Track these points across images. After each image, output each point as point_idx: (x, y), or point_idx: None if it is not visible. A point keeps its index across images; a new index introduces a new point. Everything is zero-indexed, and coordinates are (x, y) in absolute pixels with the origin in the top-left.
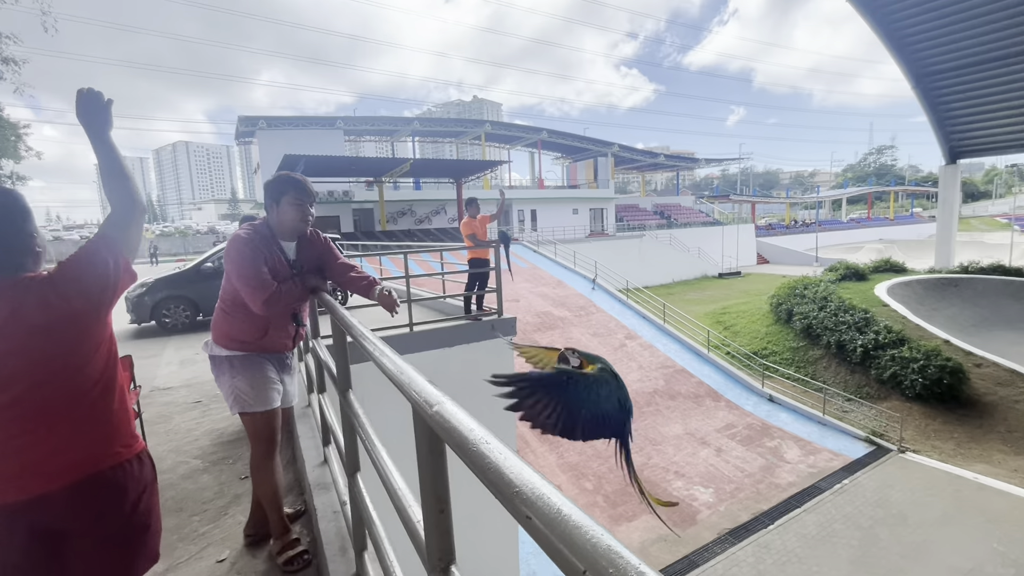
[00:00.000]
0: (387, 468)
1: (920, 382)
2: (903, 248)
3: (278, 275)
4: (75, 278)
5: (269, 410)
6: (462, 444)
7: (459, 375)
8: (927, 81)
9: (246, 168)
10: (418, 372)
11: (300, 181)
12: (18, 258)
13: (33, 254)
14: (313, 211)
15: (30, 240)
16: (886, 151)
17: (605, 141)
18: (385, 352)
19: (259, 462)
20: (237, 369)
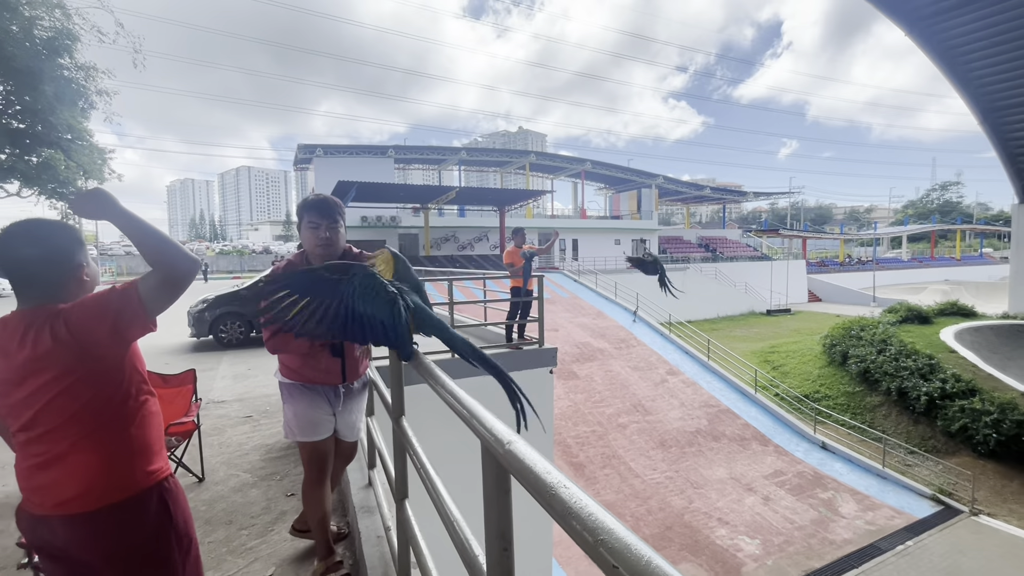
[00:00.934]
0: (444, 500)
1: (994, 437)
2: (972, 290)
3: None
4: (83, 318)
5: (314, 441)
6: (538, 487)
7: (499, 405)
8: (996, 117)
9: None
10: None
11: (317, 201)
12: (54, 289)
13: (71, 286)
14: (331, 234)
15: (72, 272)
16: (951, 187)
17: (649, 172)
18: (450, 385)
19: (307, 487)
20: (287, 398)
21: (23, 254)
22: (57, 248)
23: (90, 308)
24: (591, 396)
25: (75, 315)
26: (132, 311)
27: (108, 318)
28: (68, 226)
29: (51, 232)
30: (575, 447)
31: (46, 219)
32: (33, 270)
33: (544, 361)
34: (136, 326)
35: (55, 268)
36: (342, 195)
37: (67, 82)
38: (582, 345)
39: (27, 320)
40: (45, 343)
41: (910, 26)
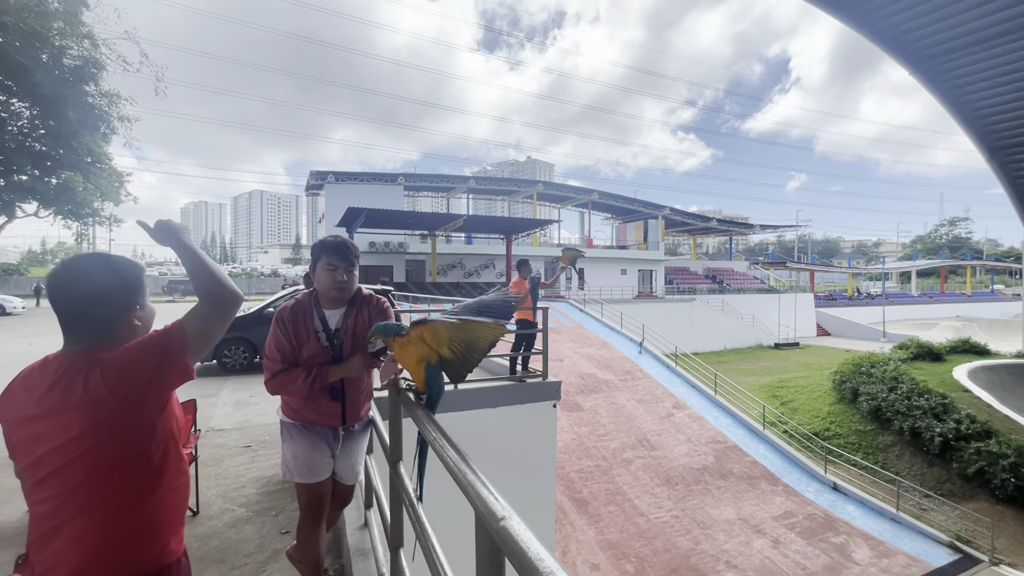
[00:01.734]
0: (438, 556)
1: (1013, 483)
2: (984, 327)
3: (303, 352)
4: (124, 366)
5: (311, 483)
6: (529, 571)
7: (501, 437)
8: (1002, 154)
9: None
10: (482, 476)
11: (336, 244)
12: (101, 333)
13: (119, 330)
14: (348, 277)
15: (122, 314)
16: (959, 223)
17: (656, 204)
18: (447, 446)
19: (303, 528)
20: (286, 437)
21: (72, 291)
22: (108, 287)
23: (133, 353)
24: (596, 429)
25: (115, 364)
26: (177, 350)
27: (152, 361)
28: (128, 263)
29: (106, 269)
30: (579, 482)
31: (107, 254)
32: (80, 310)
33: (548, 395)
34: (177, 369)
35: (103, 309)
36: (352, 221)
37: (91, 108)
38: (587, 376)
39: (65, 365)
40: (75, 394)
41: (914, 66)
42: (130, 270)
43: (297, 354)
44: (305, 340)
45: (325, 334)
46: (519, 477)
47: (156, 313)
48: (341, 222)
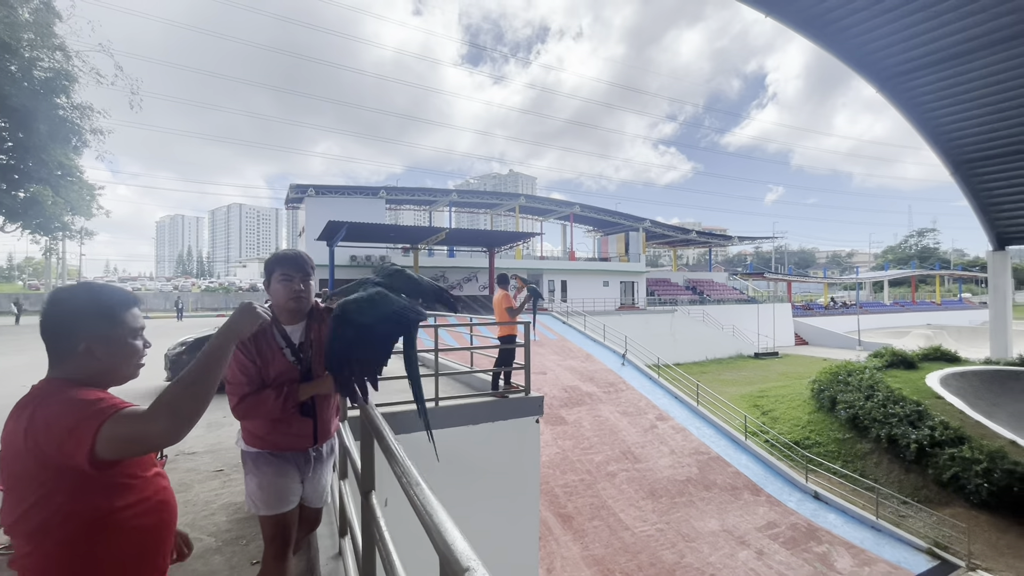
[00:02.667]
0: None
1: (986, 488)
2: (954, 335)
3: (270, 371)
4: (42, 419)
5: (276, 514)
6: None
7: (484, 454)
8: (966, 168)
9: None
10: (449, 517)
11: (290, 255)
12: (56, 361)
13: (74, 360)
14: (304, 287)
15: (71, 343)
16: (928, 234)
17: (637, 216)
18: (415, 482)
19: (268, 562)
20: (251, 469)
21: (43, 313)
22: (70, 312)
23: (51, 412)
24: (580, 443)
25: (41, 412)
26: (79, 438)
27: (55, 435)
28: (111, 293)
29: (82, 295)
30: (563, 497)
31: (96, 284)
32: (44, 331)
33: (530, 410)
34: (77, 458)
35: (59, 332)
36: (332, 234)
37: (62, 121)
38: (570, 389)
39: (31, 394)
40: (11, 429)
41: (881, 84)
42: (105, 299)
43: (264, 374)
44: (270, 358)
45: (290, 349)
46: (502, 494)
47: (139, 353)
48: (321, 236)
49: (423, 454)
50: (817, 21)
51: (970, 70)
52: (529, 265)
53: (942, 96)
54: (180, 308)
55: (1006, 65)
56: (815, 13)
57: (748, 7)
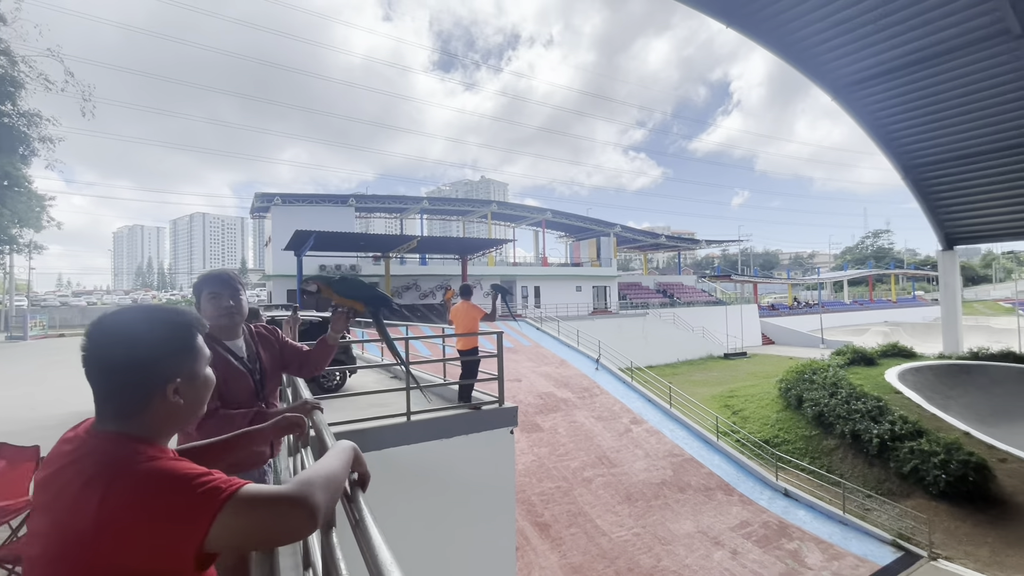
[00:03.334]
0: None
1: (944, 479)
2: (909, 331)
3: (230, 385)
4: (122, 510)
5: None
6: None
7: (457, 468)
8: (916, 172)
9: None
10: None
11: (217, 275)
12: (125, 412)
13: (150, 410)
14: (235, 303)
15: (152, 388)
16: (882, 235)
17: (607, 222)
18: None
19: None
20: None
21: (99, 357)
22: (141, 353)
23: (139, 492)
24: (555, 449)
25: (120, 492)
26: (188, 532)
27: (152, 527)
28: (177, 318)
29: (147, 326)
30: (540, 505)
31: (154, 307)
32: (104, 380)
33: (504, 421)
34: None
35: (132, 384)
36: (300, 244)
37: (7, 129)
38: (546, 395)
39: (82, 448)
40: (87, 507)
41: (835, 92)
42: (182, 324)
43: (223, 388)
44: (227, 372)
45: (240, 362)
46: (477, 508)
47: (212, 381)
48: (289, 245)
49: (395, 469)
50: (775, 33)
51: (916, 80)
52: (502, 271)
53: (891, 105)
54: None
55: (948, 76)
56: (773, 25)
57: (711, 18)
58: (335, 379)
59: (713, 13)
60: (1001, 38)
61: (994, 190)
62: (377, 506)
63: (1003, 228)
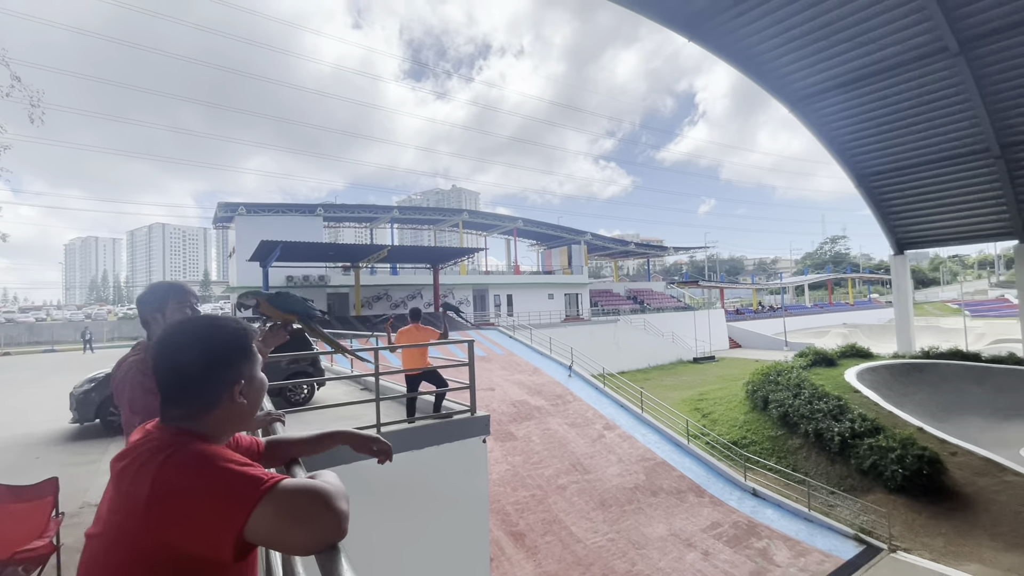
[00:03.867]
0: None
1: (900, 473)
2: (866, 332)
3: None
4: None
5: None
6: None
7: (429, 480)
8: (868, 181)
9: (221, 251)
10: None
11: (180, 285)
12: (195, 408)
13: (219, 405)
14: (194, 312)
15: (223, 386)
16: (839, 240)
17: (578, 230)
18: None
19: None
20: None
21: (174, 363)
22: (216, 352)
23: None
24: (529, 458)
25: (173, 472)
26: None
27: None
28: (233, 327)
29: (220, 327)
30: (515, 514)
31: (214, 317)
32: (178, 384)
33: (476, 430)
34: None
35: (200, 385)
36: (266, 255)
37: None
38: (519, 404)
39: (149, 440)
40: (139, 489)
41: (792, 105)
42: (234, 336)
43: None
44: None
45: None
46: (450, 519)
47: (267, 384)
48: (254, 256)
49: (366, 482)
50: (734, 48)
51: (865, 93)
52: (475, 280)
53: (844, 116)
54: (88, 339)
55: (895, 90)
56: (732, 40)
57: (675, 32)
58: (303, 392)
59: (676, 27)
60: (941, 55)
61: (940, 197)
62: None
63: (948, 233)
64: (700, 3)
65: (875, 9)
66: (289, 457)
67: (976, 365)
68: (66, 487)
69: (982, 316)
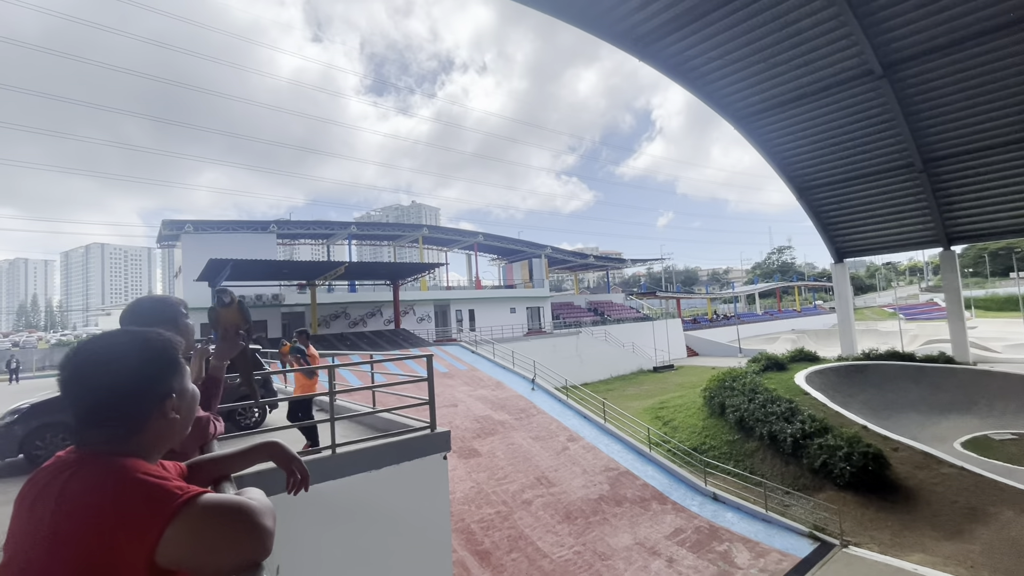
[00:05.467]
0: None
1: (848, 470)
2: (813, 337)
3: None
4: (75, 509)
5: None
6: None
7: (389, 501)
8: (808, 194)
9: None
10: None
11: (179, 300)
12: (121, 430)
13: (148, 425)
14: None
15: (152, 405)
16: (785, 250)
17: (538, 244)
18: None
19: None
20: None
21: (93, 381)
22: (136, 371)
23: (85, 496)
24: (494, 474)
25: (66, 501)
26: (139, 531)
27: (101, 525)
28: (159, 338)
29: (136, 347)
30: (479, 533)
31: (132, 331)
32: (98, 403)
33: (437, 447)
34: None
35: (127, 399)
36: (215, 274)
37: None
38: (482, 419)
39: (61, 468)
40: (43, 511)
41: (736, 122)
42: (162, 348)
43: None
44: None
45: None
46: (410, 541)
47: (198, 396)
48: (202, 276)
49: (322, 506)
50: (680, 68)
51: (801, 112)
52: (436, 296)
53: (784, 134)
54: (14, 368)
55: (828, 109)
56: (679, 61)
57: (623, 51)
58: (253, 415)
59: (626, 48)
60: (867, 77)
61: (872, 209)
62: (301, 548)
63: (882, 242)
64: (646, 27)
65: (808, 34)
66: (217, 475)
67: (911, 365)
68: None
69: (915, 319)
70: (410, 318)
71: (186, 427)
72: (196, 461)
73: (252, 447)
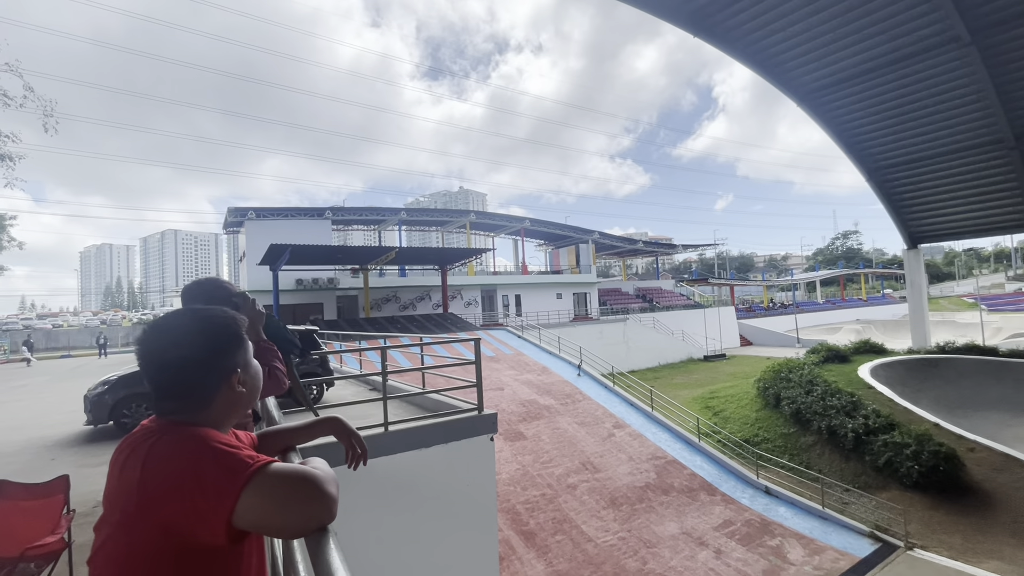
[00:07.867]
0: None
1: (916, 469)
2: (880, 328)
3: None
4: (157, 470)
5: None
6: None
7: (437, 478)
8: (880, 174)
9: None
10: None
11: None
12: (193, 401)
13: (216, 398)
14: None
15: (219, 379)
16: (851, 235)
17: (585, 229)
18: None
19: None
20: None
21: (163, 360)
22: (201, 351)
23: (169, 463)
24: (539, 457)
25: (153, 463)
26: (218, 496)
27: (184, 490)
28: (223, 317)
29: (199, 328)
30: (525, 514)
31: (198, 310)
32: (171, 377)
33: (484, 428)
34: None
35: (197, 378)
36: (276, 258)
37: None
38: (528, 403)
39: (146, 435)
40: (132, 474)
41: (800, 99)
42: (226, 326)
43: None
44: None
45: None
46: (458, 517)
47: (261, 371)
48: (264, 260)
49: (374, 480)
50: (740, 43)
51: (875, 86)
52: (483, 281)
53: (853, 110)
54: (103, 344)
55: (904, 82)
56: (738, 35)
57: (679, 28)
58: (313, 393)
59: (680, 23)
60: (951, 45)
61: (953, 190)
62: (356, 518)
63: (963, 226)
64: (700, 0)
65: (882, 0)
66: (284, 446)
67: (994, 360)
68: (79, 487)
69: (999, 310)
70: (458, 303)
71: (254, 398)
72: (266, 432)
73: (316, 421)
